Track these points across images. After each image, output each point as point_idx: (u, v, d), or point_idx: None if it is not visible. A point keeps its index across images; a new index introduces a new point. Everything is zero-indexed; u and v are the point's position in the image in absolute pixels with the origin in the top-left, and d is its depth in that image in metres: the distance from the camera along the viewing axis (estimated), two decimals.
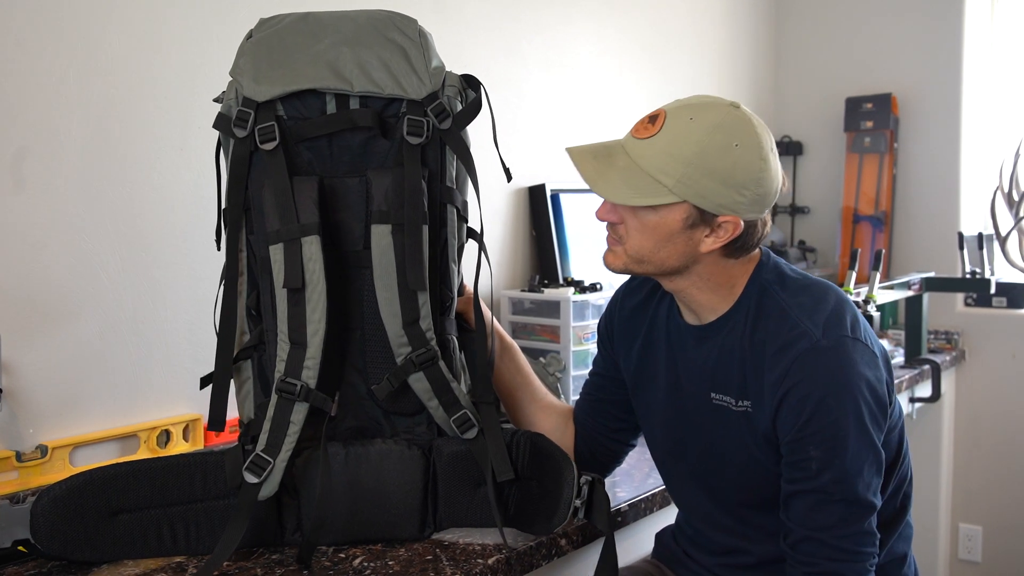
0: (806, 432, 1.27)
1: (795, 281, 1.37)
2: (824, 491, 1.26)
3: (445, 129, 1.39)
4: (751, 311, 1.35)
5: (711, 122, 1.26)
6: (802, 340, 1.28)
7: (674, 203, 1.27)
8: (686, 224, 1.29)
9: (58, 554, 1.27)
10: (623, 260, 1.36)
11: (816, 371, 1.27)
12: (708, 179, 1.25)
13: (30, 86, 1.55)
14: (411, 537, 1.37)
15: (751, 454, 1.36)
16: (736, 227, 1.30)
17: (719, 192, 1.26)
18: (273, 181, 1.34)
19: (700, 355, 1.41)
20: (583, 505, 1.35)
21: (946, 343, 3.26)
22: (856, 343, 1.29)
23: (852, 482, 1.26)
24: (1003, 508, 3.23)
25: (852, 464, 1.26)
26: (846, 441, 1.25)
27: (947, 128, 3.30)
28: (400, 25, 1.40)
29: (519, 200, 2.50)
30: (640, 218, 1.31)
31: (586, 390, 1.65)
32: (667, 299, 1.48)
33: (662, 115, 1.29)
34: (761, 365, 1.32)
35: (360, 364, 1.40)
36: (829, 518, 1.27)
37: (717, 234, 1.30)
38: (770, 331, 1.32)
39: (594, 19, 2.77)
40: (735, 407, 1.36)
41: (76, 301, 1.62)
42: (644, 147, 1.28)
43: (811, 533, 1.27)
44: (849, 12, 3.51)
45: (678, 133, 1.26)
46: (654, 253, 1.32)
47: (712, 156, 1.25)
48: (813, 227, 3.61)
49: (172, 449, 1.74)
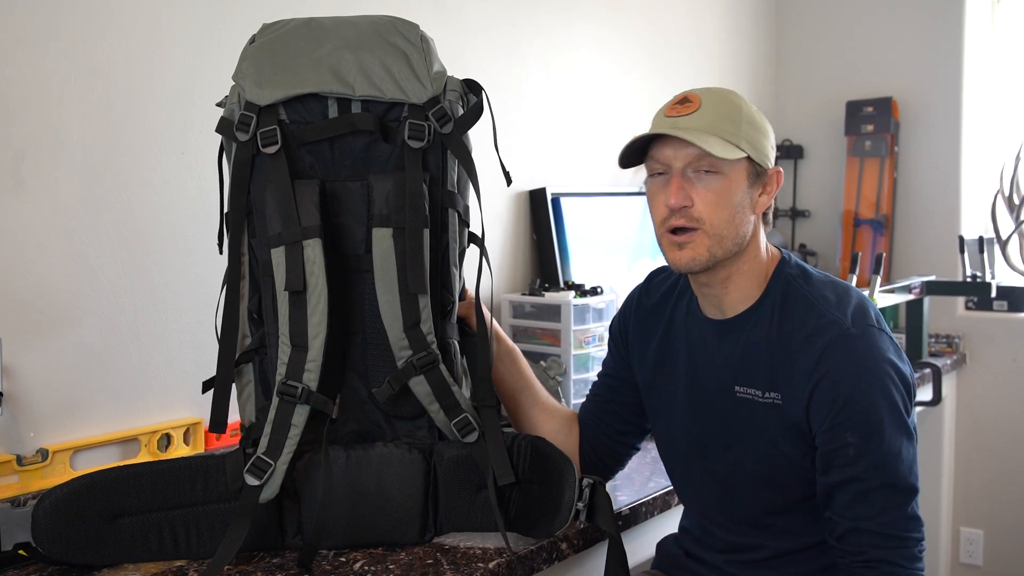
0: (841, 418, 1.28)
1: (818, 278, 1.41)
2: (863, 479, 1.28)
3: (447, 133, 1.39)
4: (777, 304, 1.38)
5: (728, 92, 1.39)
6: (832, 328, 1.31)
7: (738, 160, 1.33)
8: (749, 182, 1.36)
9: (59, 557, 1.27)
10: (705, 245, 1.34)
11: (848, 358, 1.29)
12: (755, 131, 1.35)
13: (32, 88, 1.55)
14: (412, 541, 1.37)
15: (777, 447, 1.36)
16: (779, 178, 1.39)
17: (762, 142, 1.36)
18: (275, 185, 1.34)
19: (723, 349, 1.42)
20: (585, 508, 1.35)
21: (947, 347, 3.25)
22: (882, 334, 1.33)
23: (891, 466, 1.27)
24: (1004, 512, 3.23)
25: (890, 448, 1.27)
26: (882, 425, 1.27)
27: (948, 132, 3.30)
28: (402, 30, 1.40)
29: (520, 204, 2.50)
30: (712, 189, 1.33)
31: (594, 391, 1.65)
32: (686, 297, 1.50)
33: (692, 95, 1.36)
34: (790, 355, 1.34)
35: (361, 367, 1.40)
36: (872, 507, 1.28)
37: (767, 189, 1.38)
38: (797, 321, 1.35)
39: (594, 22, 2.78)
40: (762, 399, 1.37)
41: (77, 304, 1.62)
42: (695, 120, 1.32)
43: (856, 524, 1.28)
44: (849, 16, 3.51)
45: (717, 100, 1.35)
46: (731, 223, 1.34)
47: (750, 112, 1.36)
48: (814, 231, 3.61)
49: (173, 453, 1.74)
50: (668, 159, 1.34)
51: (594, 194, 2.69)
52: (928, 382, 2.87)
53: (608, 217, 2.69)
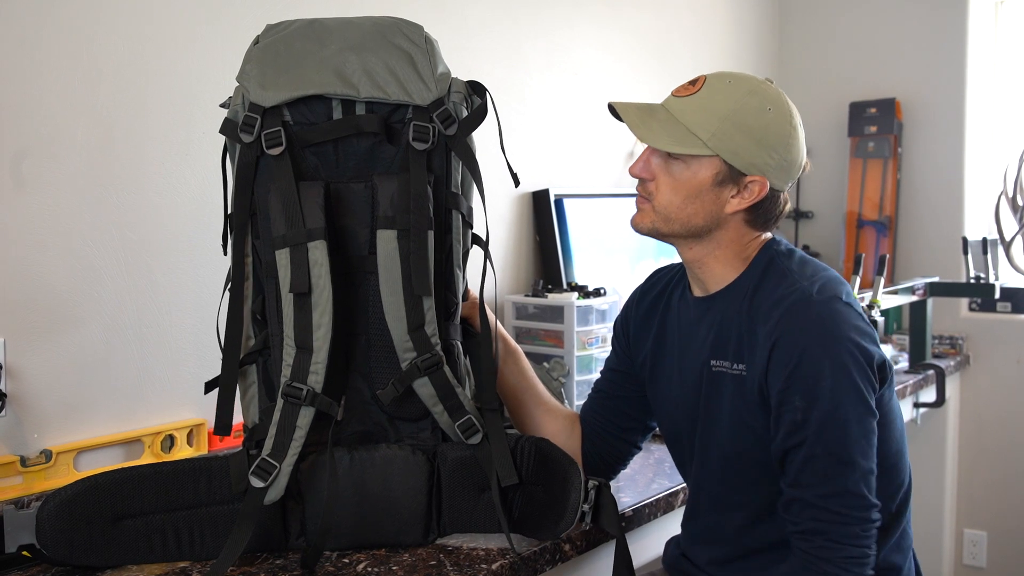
0: (791, 382, 1.27)
1: (802, 256, 1.42)
2: (808, 444, 1.26)
3: (451, 135, 1.39)
4: (755, 279, 1.38)
5: (748, 87, 1.35)
6: (794, 294, 1.31)
7: (706, 157, 1.33)
8: (715, 180, 1.34)
9: (63, 559, 1.27)
10: (651, 218, 1.39)
11: (805, 322, 1.29)
12: (742, 136, 1.32)
13: (35, 90, 1.55)
14: (415, 542, 1.37)
15: (743, 420, 1.35)
16: (762, 188, 1.35)
17: (750, 150, 1.32)
18: (279, 186, 1.34)
19: (703, 325, 1.43)
20: (590, 509, 1.35)
21: (950, 348, 3.25)
22: (850, 308, 1.31)
23: (835, 436, 1.25)
24: (1008, 513, 3.22)
25: (834, 413, 1.25)
26: (829, 391, 1.25)
27: (951, 133, 3.30)
28: (406, 31, 1.40)
29: (523, 205, 2.50)
30: (672, 173, 1.36)
31: (596, 388, 1.65)
32: (681, 284, 1.51)
33: (702, 78, 1.37)
34: (755, 323, 1.34)
35: (365, 369, 1.40)
36: (813, 476, 1.26)
37: (743, 195, 1.35)
38: (767, 291, 1.35)
39: (597, 23, 2.77)
40: (731, 371, 1.37)
41: (80, 305, 1.62)
42: (683, 104, 1.36)
43: (797, 493, 1.27)
44: (852, 17, 3.51)
45: (716, 92, 1.35)
46: (681, 209, 1.36)
47: (747, 114, 1.33)
48: (817, 232, 3.61)
49: (176, 454, 1.75)
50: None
51: (597, 195, 2.69)
52: (931, 383, 2.87)
53: (611, 218, 2.69)
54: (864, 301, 2.59)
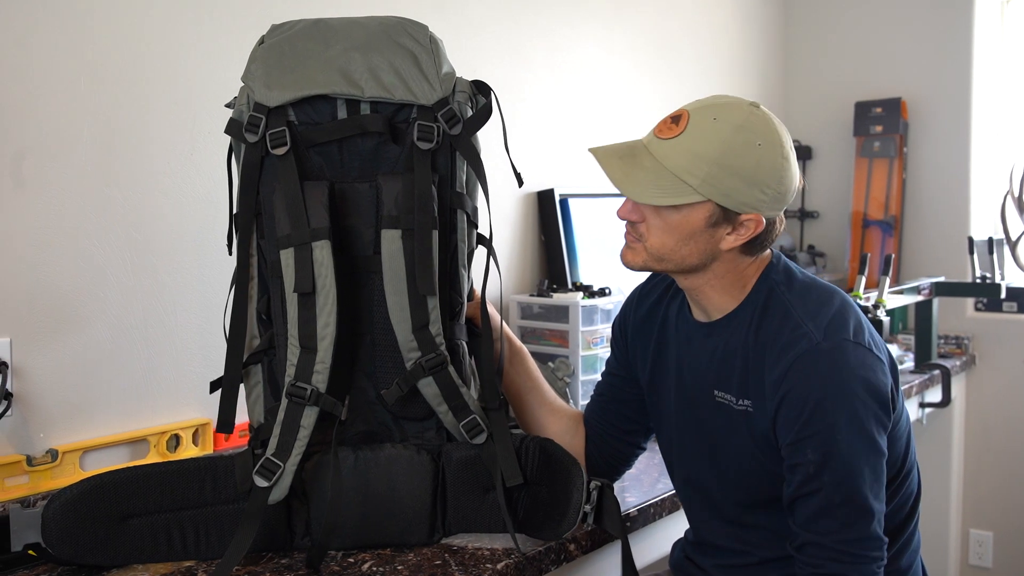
0: (804, 435, 1.27)
1: (802, 283, 1.38)
2: (824, 494, 1.26)
3: (455, 135, 1.39)
4: (757, 310, 1.36)
5: (734, 122, 1.28)
6: (802, 341, 1.29)
7: (698, 202, 1.29)
8: (709, 223, 1.30)
9: (69, 558, 1.27)
10: (643, 257, 1.37)
11: (814, 373, 1.27)
12: (732, 178, 1.27)
13: (40, 90, 1.56)
14: (420, 542, 1.37)
15: (751, 453, 1.36)
16: (758, 225, 1.31)
17: (742, 191, 1.28)
18: (284, 186, 1.34)
19: (705, 352, 1.41)
20: (592, 510, 1.35)
21: (956, 348, 3.25)
22: (857, 347, 1.29)
23: (851, 485, 1.25)
24: (1013, 513, 3.22)
25: (850, 465, 1.25)
26: (842, 444, 1.25)
27: (957, 132, 3.29)
28: (411, 31, 1.40)
29: (528, 205, 2.50)
30: (663, 217, 1.32)
31: (598, 391, 1.65)
32: (679, 297, 1.49)
33: (685, 115, 1.30)
34: (762, 364, 1.32)
35: (369, 369, 1.40)
36: (831, 523, 1.26)
37: (739, 232, 1.32)
38: (772, 331, 1.33)
39: (600, 22, 2.77)
40: (736, 405, 1.36)
41: (86, 306, 1.63)
42: (669, 147, 1.29)
43: (815, 538, 1.27)
44: (858, 16, 3.50)
45: (702, 133, 1.28)
46: (675, 251, 1.33)
47: (736, 155, 1.27)
48: (823, 232, 3.61)
49: (181, 453, 1.75)
50: None
51: (602, 195, 2.69)
52: (937, 383, 2.87)
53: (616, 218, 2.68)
54: (869, 301, 2.58)
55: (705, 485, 1.45)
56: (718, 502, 1.44)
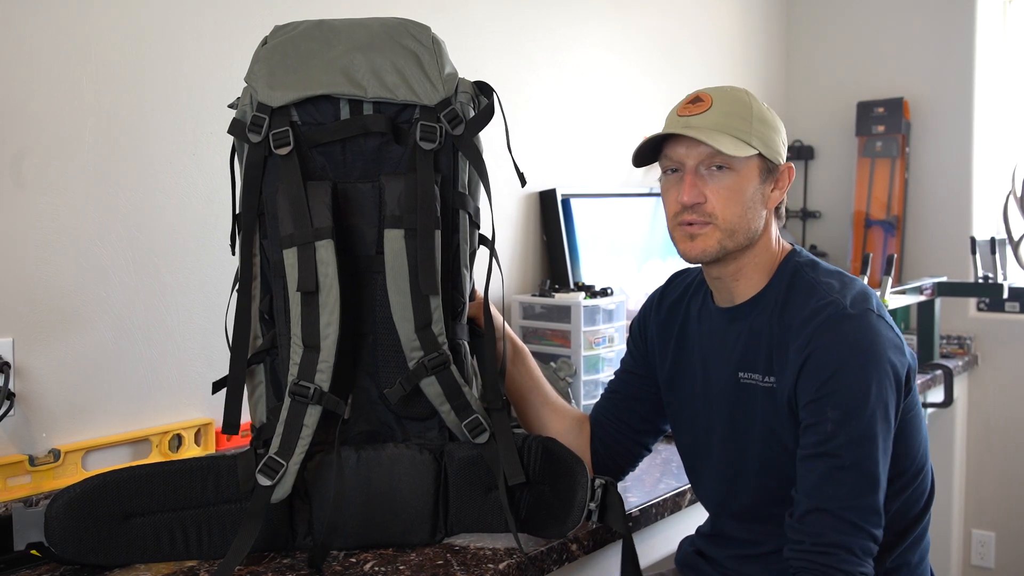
0: (824, 392, 1.28)
1: (825, 267, 1.43)
2: (837, 455, 1.26)
3: (458, 135, 1.39)
4: (782, 291, 1.39)
5: (740, 90, 1.41)
6: (829, 308, 1.32)
7: (750, 158, 1.36)
8: (761, 178, 1.38)
9: (71, 557, 1.27)
10: (716, 238, 1.37)
11: (841, 335, 1.30)
12: (766, 128, 1.38)
13: (42, 89, 1.56)
14: (422, 542, 1.37)
15: (774, 433, 1.36)
16: (790, 173, 1.42)
17: (774, 139, 1.38)
18: (287, 186, 1.34)
19: (730, 336, 1.43)
20: (597, 508, 1.35)
21: (958, 348, 3.24)
22: (882, 320, 1.33)
23: (866, 448, 1.26)
24: (1016, 513, 3.21)
25: (868, 429, 1.26)
26: (864, 405, 1.26)
27: (959, 132, 3.29)
28: (414, 32, 1.40)
29: (530, 205, 2.50)
30: (725, 185, 1.36)
31: (611, 389, 1.65)
32: (701, 292, 1.52)
33: (703, 94, 1.39)
34: (787, 337, 1.35)
35: (372, 368, 1.40)
36: (839, 488, 1.26)
37: (779, 184, 1.41)
38: (798, 305, 1.36)
39: (603, 21, 2.77)
40: (762, 383, 1.38)
41: (88, 305, 1.63)
42: (706, 118, 1.36)
43: (819, 504, 1.27)
44: (860, 16, 3.50)
45: (728, 99, 1.38)
46: (743, 218, 1.37)
47: (760, 109, 1.39)
48: (824, 232, 3.60)
49: (183, 453, 1.75)
50: (681, 157, 1.37)
51: (604, 195, 2.69)
52: (939, 383, 2.86)
53: (618, 218, 2.69)
54: None
55: (726, 473, 1.45)
56: (737, 489, 1.44)
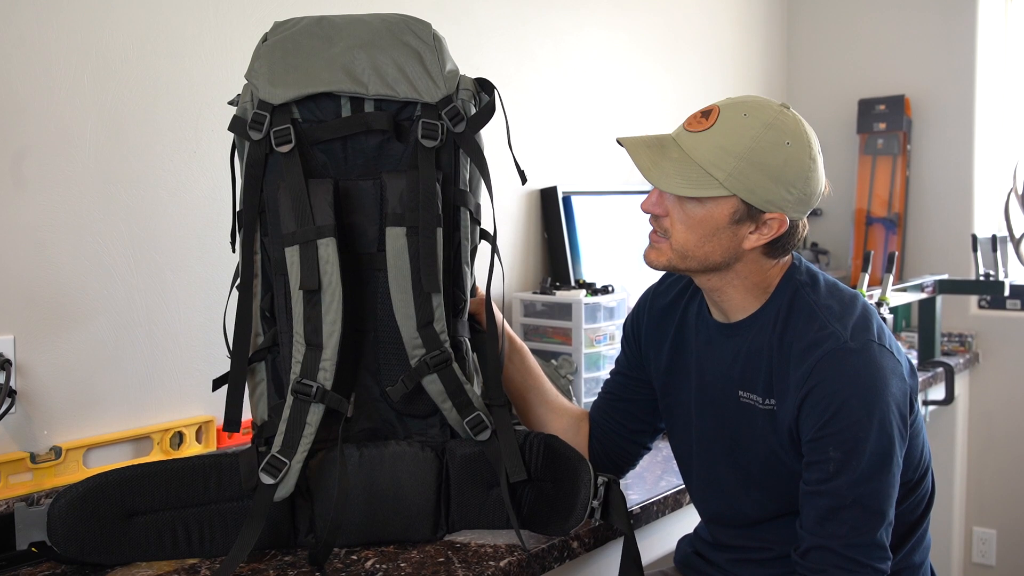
0: (827, 432, 1.26)
1: (826, 285, 1.38)
2: (838, 494, 1.25)
3: (459, 132, 1.39)
4: (781, 311, 1.36)
5: (764, 120, 1.28)
6: (829, 340, 1.29)
7: (723, 197, 1.28)
8: (732, 219, 1.30)
9: (74, 556, 1.27)
10: (667, 256, 1.35)
11: (842, 372, 1.27)
12: (759, 174, 1.27)
13: (43, 87, 1.56)
14: (424, 539, 1.37)
15: (776, 453, 1.35)
16: (781, 225, 1.31)
17: (768, 188, 1.27)
18: (288, 183, 1.34)
19: (728, 353, 1.41)
20: (600, 506, 1.35)
21: (960, 346, 3.24)
22: (883, 350, 1.30)
23: (867, 487, 1.25)
24: (1017, 511, 3.21)
25: (869, 468, 1.25)
26: (866, 444, 1.25)
27: (960, 130, 3.29)
28: (415, 29, 1.40)
29: (531, 202, 2.50)
30: (687, 211, 1.31)
31: (606, 389, 1.65)
32: (697, 297, 1.49)
33: (715, 110, 1.30)
34: (787, 363, 1.32)
35: (374, 366, 1.40)
36: (840, 526, 1.25)
37: (762, 231, 1.31)
38: (798, 330, 1.33)
39: (603, 20, 2.77)
40: (761, 405, 1.36)
41: (90, 303, 1.63)
42: (697, 140, 1.29)
43: (822, 541, 1.26)
44: (861, 13, 3.49)
45: (732, 128, 1.28)
46: (699, 248, 1.32)
47: (764, 152, 1.27)
48: (826, 229, 3.60)
49: (185, 451, 1.75)
50: None
51: (605, 192, 2.69)
52: (940, 381, 2.86)
53: (619, 216, 2.69)
54: (873, 299, 2.58)
55: (725, 486, 1.45)
56: (737, 503, 1.44)
